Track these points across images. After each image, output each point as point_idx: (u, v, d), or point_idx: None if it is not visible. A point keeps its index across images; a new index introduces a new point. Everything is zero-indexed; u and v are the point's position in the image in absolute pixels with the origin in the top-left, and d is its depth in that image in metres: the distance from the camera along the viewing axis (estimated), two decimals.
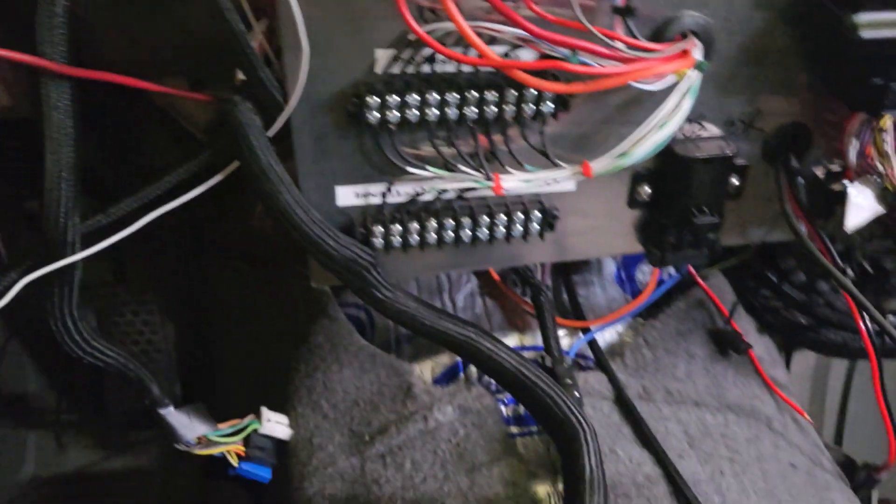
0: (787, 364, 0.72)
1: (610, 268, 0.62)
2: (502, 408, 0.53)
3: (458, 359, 0.55)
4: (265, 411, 0.52)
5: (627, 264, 0.63)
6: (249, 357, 0.61)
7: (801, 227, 0.49)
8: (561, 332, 0.56)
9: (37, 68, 0.35)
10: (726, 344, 0.57)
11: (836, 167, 0.50)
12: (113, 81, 0.37)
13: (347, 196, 0.46)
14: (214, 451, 0.51)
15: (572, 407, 0.46)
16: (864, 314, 0.52)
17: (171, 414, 0.49)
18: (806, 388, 0.79)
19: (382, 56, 0.41)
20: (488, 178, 0.44)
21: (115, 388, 0.59)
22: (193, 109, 0.63)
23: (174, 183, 0.42)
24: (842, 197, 0.48)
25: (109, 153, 0.62)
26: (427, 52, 0.41)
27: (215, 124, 0.45)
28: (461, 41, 0.40)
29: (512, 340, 0.57)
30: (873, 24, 0.40)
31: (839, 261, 0.48)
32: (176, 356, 0.59)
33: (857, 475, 0.58)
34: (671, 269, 0.60)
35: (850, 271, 0.52)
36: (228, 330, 0.63)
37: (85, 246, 0.40)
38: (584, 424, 0.45)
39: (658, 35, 0.43)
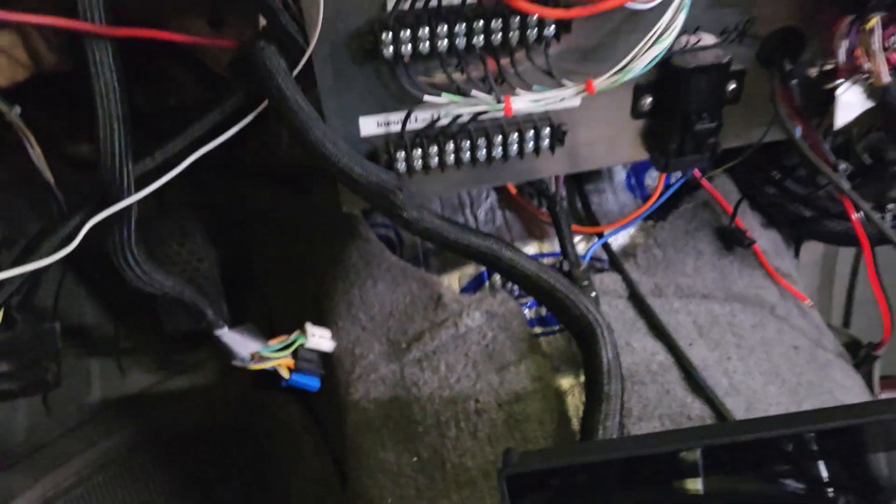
0: (797, 253, 0.75)
1: (620, 175, 0.65)
2: (525, 311, 0.57)
3: (483, 269, 0.59)
4: (310, 326, 0.57)
5: (637, 170, 0.66)
6: (289, 277, 0.66)
7: (796, 127, 0.53)
8: (577, 238, 0.60)
9: (80, 31, 0.38)
10: (731, 240, 0.61)
11: (829, 66, 0.53)
12: (149, 37, 0.40)
13: (370, 126, 0.49)
14: (267, 365, 0.56)
15: (589, 306, 0.51)
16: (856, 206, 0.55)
17: (226, 334, 0.54)
18: (815, 276, 0.82)
19: None
20: (499, 101, 0.47)
21: (170, 313, 0.64)
22: (215, 49, 0.66)
23: (212, 124, 0.46)
24: (834, 96, 0.51)
25: (142, 95, 0.66)
26: None
27: (239, 63, 0.48)
28: None
29: (532, 248, 0.61)
30: None
31: (831, 156, 0.52)
32: (221, 279, 0.64)
33: (859, 353, 0.62)
34: (678, 173, 0.63)
35: (844, 165, 0.56)
36: (268, 252, 0.67)
37: (137, 187, 0.45)
38: (601, 321, 0.50)
39: None
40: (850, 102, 0.50)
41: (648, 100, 0.52)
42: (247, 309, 0.72)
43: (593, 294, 0.55)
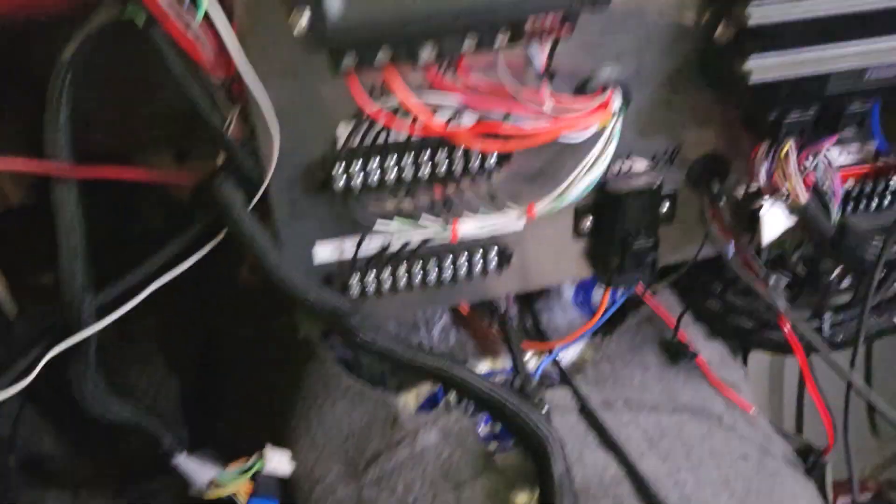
0: (745, 361, 0.77)
1: (568, 292, 0.68)
2: (480, 427, 0.58)
3: (438, 388, 0.61)
4: (269, 450, 0.57)
5: (584, 287, 0.69)
6: (253, 400, 0.66)
7: (728, 244, 0.56)
8: (528, 355, 0.62)
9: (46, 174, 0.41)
10: (676, 353, 0.63)
11: (753, 188, 0.57)
12: (112, 177, 0.42)
13: (325, 252, 0.52)
14: (224, 493, 0.56)
15: (539, 422, 0.52)
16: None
17: (184, 461, 0.54)
18: (765, 382, 0.85)
19: (343, 130, 0.47)
20: (446, 227, 0.50)
21: (128, 441, 0.64)
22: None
23: (174, 253, 0.48)
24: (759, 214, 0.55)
25: (98, 219, 0.68)
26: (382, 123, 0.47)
27: (200, 194, 0.51)
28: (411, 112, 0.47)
29: (485, 366, 0.63)
30: (762, 69, 0.46)
31: (762, 270, 0.55)
32: (183, 404, 0.64)
33: (808, 460, 0.64)
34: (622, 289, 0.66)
35: (774, 278, 0.59)
36: (232, 376, 0.68)
37: (98, 317, 0.46)
38: (552, 436, 0.52)
39: (581, 90, 0.49)
40: (773, 220, 0.54)
41: (588, 221, 0.56)
42: (210, 433, 0.72)
43: (545, 409, 0.56)
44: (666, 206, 0.56)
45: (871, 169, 0.59)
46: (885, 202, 0.59)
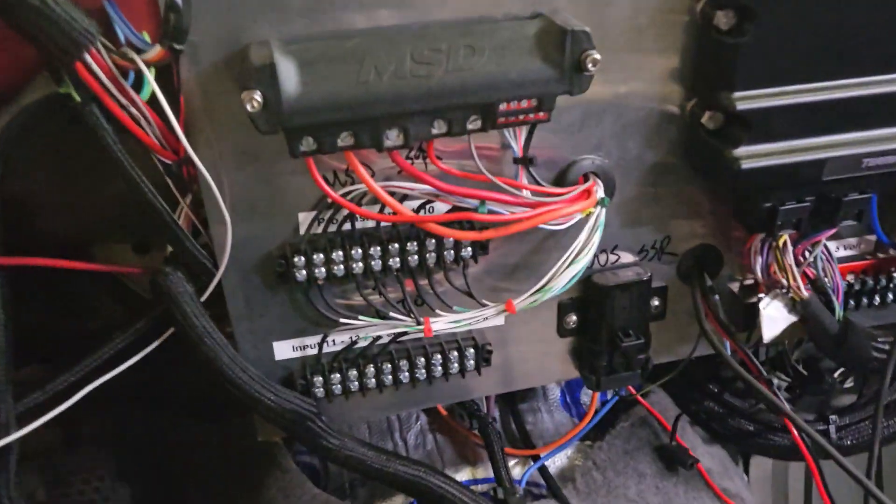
0: (746, 469, 0.72)
1: (554, 393, 0.64)
2: None
3: (412, 500, 0.55)
4: None
5: (571, 388, 0.64)
6: None
7: (724, 343, 0.52)
8: (512, 462, 0.57)
9: None
10: (673, 459, 0.58)
11: (749, 281, 0.54)
12: (44, 265, 0.38)
13: (285, 350, 0.47)
14: None
15: None
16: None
17: None
18: (768, 491, 0.79)
19: (305, 218, 0.43)
20: (418, 323, 0.46)
21: None
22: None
23: (113, 351, 0.44)
24: (759, 309, 0.51)
25: (55, 313, 0.64)
26: (346, 211, 0.43)
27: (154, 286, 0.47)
28: (378, 201, 0.43)
29: (464, 474, 0.58)
30: (752, 156, 0.44)
31: (762, 370, 0.51)
32: None
33: None
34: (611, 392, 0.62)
35: (776, 380, 0.55)
36: (182, 485, 0.63)
37: (24, 422, 0.41)
38: None
39: (561, 179, 0.46)
40: (773, 317, 0.50)
41: (573, 318, 0.52)
42: None
43: None
44: (656, 302, 0.52)
45: (871, 263, 0.56)
46: (889, 298, 0.56)
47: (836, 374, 0.69)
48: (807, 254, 0.50)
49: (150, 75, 0.34)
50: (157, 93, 0.34)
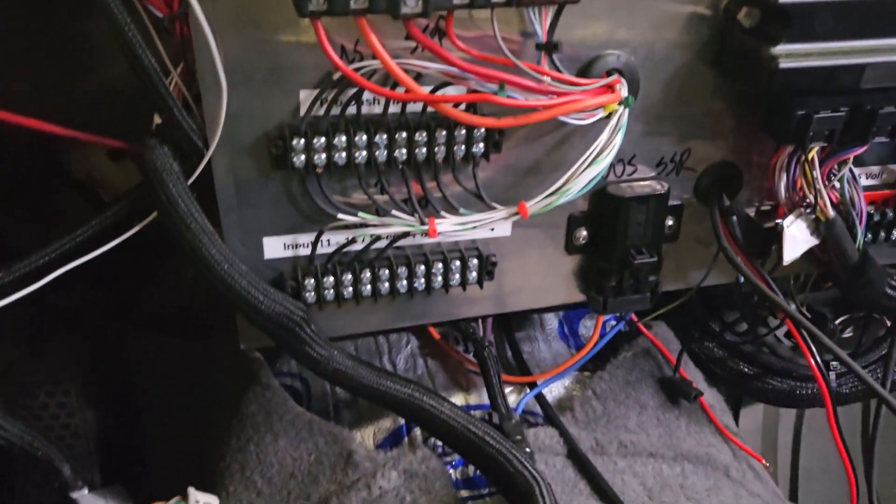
0: (736, 420, 0.70)
1: (552, 323, 0.61)
2: (451, 471, 0.50)
3: (402, 422, 0.52)
4: (192, 492, 0.47)
5: (570, 319, 0.61)
6: (177, 434, 0.57)
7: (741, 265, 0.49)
8: (507, 390, 0.54)
9: None
10: (677, 392, 0.55)
11: (766, 207, 0.51)
12: (19, 123, 0.34)
13: (275, 247, 0.44)
14: None
15: (524, 461, 0.44)
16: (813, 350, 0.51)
17: (85, 497, 0.44)
18: (756, 446, 0.77)
19: (307, 97, 0.39)
20: (422, 223, 0.42)
21: (25, 475, 0.54)
22: (113, 178, 0.61)
23: (86, 236, 0.39)
24: (775, 235, 0.49)
25: (27, 226, 0.59)
26: (352, 91, 0.40)
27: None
28: (387, 81, 0.40)
29: (457, 400, 0.54)
30: (791, 55, 0.41)
31: (779, 294, 0.48)
32: (95, 439, 0.54)
33: None
34: (613, 322, 0.59)
35: (794, 306, 0.52)
36: (154, 406, 0.59)
37: None
38: (539, 478, 0.43)
39: (584, 74, 0.43)
40: (795, 237, 0.47)
41: (583, 233, 0.49)
42: (128, 474, 0.61)
43: (527, 450, 0.48)
44: (670, 222, 0.50)
45: (893, 194, 0.53)
46: None
47: (837, 322, 0.68)
48: (832, 175, 0.47)
49: None
50: None
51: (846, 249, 0.48)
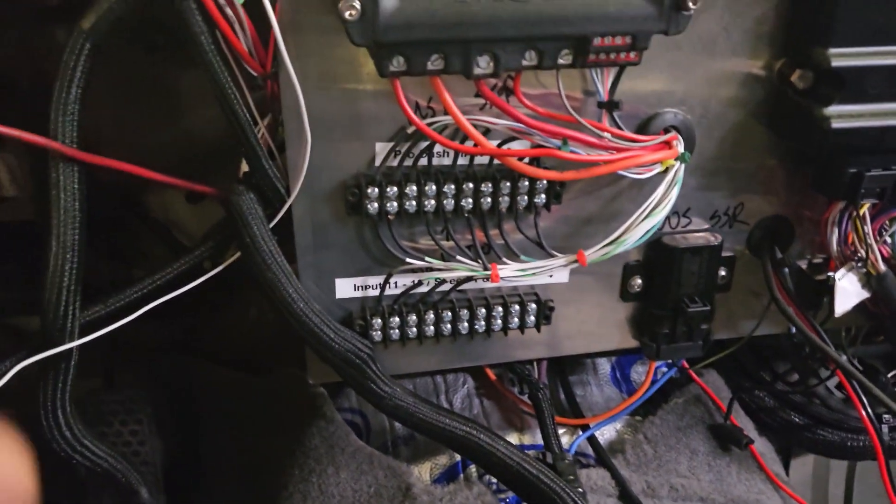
0: (787, 471, 0.70)
1: (605, 368, 0.62)
2: None
3: (458, 458, 0.54)
4: None
5: (622, 364, 0.63)
6: (237, 464, 0.59)
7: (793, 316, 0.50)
8: (560, 431, 0.55)
9: (48, 150, 0.36)
10: (727, 439, 0.56)
11: (818, 260, 0.52)
12: (121, 169, 0.38)
13: (346, 288, 0.46)
14: None
15: (577, 500, 0.45)
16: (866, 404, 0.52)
17: None
18: (807, 497, 0.77)
19: (382, 149, 0.42)
20: (485, 268, 0.45)
21: (98, 495, 0.56)
22: (189, 221, 0.64)
23: (173, 275, 0.42)
24: (827, 287, 0.50)
25: (108, 262, 0.63)
26: (424, 144, 0.42)
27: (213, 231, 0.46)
28: (457, 136, 0.42)
29: (511, 440, 0.55)
30: (843, 116, 0.43)
31: (831, 346, 0.49)
32: (163, 467, 0.57)
33: None
34: (665, 368, 0.60)
35: (846, 359, 0.53)
36: (220, 438, 0.61)
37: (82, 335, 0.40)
38: None
39: (642, 131, 0.45)
40: (847, 290, 0.48)
41: (638, 281, 0.50)
42: (189, 502, 0.64)
43: (580, 490, 0.49)
44: (723, 272, 0.51)
45: None
46: None
47: (889, 375, 0.68)
48: (883, 230, 0.48)
49: None
50: None
51: None
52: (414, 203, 0.43)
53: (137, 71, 0.54)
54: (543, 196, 0.45)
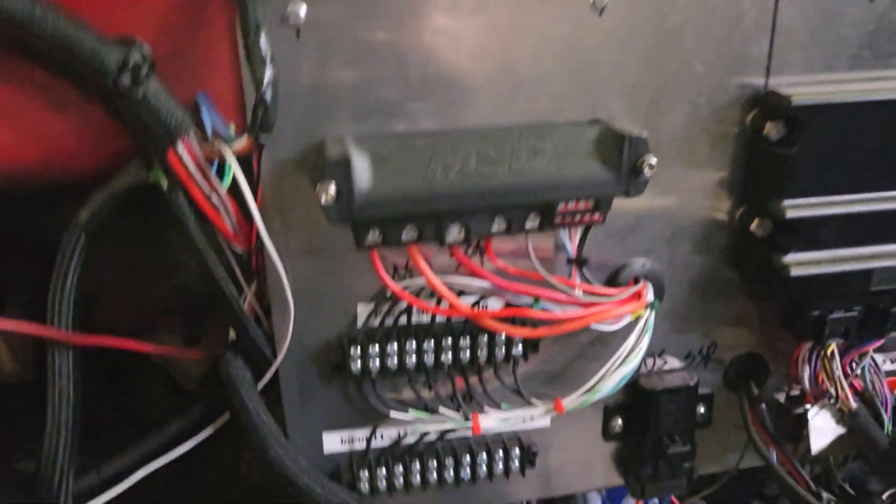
0: None
1: (596, 502, 0.62)
2: None
3: None
4: None
5: (612, 498, 0.63)
6: None
7: (770, 453, 0.51)
8: None
9: (45, 337, 0.38)
10: None
11: (795, 392, 0.53)
12: (114, 346, 0.40)
13: (334, 442, 0.48)
14: None
15: None
16: None
17: None
18: None
19: (364, 310, 0.44)
20: (467, 419, 0.46)
21: None
22: (187, 365, 0.66)
23: (167, 439, 0.44)
24: (806, 419, 0.51)
25: (107, 405, 0.64)
26: (404, 304, 0.45)
27: (208, 378, 0.48)
28: (434, 293, 0.45)
29: None
30: (802, 263, 0.45)
31: (810, 483, 0.50)
32: None
33: None
34: (655, 500, 0.60)
35: (826, 496, 0.53)
36: None
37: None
38: None
39: (612, 281, 0.47)
40: (821, 427, 0.49)
41: (619, 421, 0.51)
42: None
43: None
44: (702, 409, 0.52)
45: None
46: None
47: (884, 496, 0.67)
48: (854, 364, 0.50)
49: (236, 165, 0.36)
50: (241, 182, 0.36)
51: (875, 437, 0.50)
52: (395, 360, 0.45)
53: (133, 230, 0.57)
54: (520, 347, 0.47)
